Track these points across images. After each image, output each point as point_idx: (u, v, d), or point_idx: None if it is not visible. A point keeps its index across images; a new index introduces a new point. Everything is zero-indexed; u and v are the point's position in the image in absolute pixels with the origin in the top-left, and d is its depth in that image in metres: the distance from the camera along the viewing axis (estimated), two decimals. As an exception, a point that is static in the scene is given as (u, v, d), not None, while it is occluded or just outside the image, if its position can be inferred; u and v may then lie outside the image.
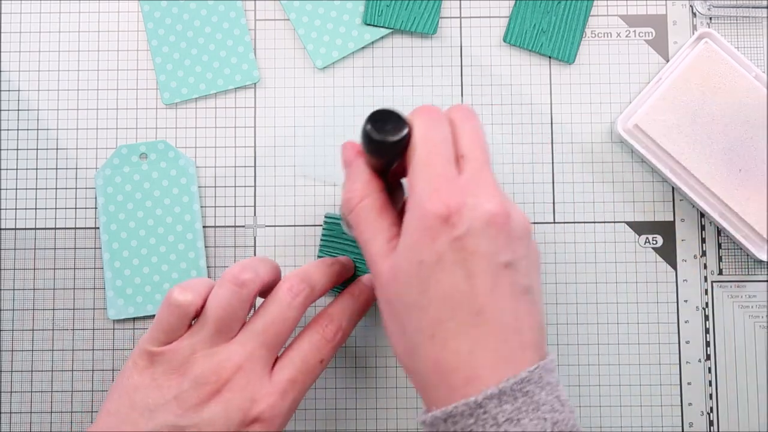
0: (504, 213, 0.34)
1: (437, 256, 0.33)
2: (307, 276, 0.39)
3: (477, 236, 0.33)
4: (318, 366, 0.39)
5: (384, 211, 0.36)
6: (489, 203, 0.33)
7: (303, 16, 0.48)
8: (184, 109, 0.48)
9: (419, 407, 0.46)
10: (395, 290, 0.35)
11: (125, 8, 0.49)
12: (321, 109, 0.48)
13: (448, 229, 0.33)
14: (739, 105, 0.46)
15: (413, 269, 0.34)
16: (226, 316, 0.37)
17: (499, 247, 0.33)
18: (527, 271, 0.35)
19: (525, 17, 0.48)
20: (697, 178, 0.46)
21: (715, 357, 0.47)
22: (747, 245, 0.46)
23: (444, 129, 0.36)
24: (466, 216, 0.33)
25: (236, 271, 0.37)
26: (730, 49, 0.47)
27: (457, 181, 0.34)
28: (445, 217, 0.33)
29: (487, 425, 0.32)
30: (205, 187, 0.48)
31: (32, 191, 0.48)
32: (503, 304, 0.33)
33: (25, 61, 0.48)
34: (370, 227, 0.36)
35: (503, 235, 0.34)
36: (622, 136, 0.46)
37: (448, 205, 0.33)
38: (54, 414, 0.46)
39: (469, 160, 0.35)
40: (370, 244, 0.36)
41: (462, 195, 0.33)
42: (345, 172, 0.38)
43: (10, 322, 0.47)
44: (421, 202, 0.34)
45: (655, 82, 0.47)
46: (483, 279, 0.33)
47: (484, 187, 0.34)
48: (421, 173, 0.34)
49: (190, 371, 0.36)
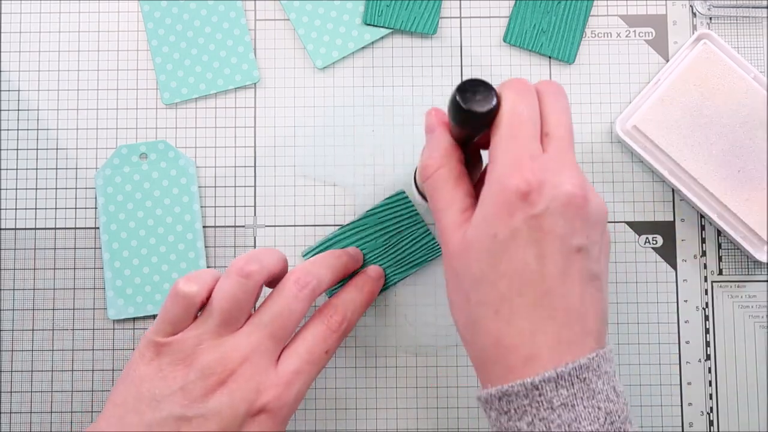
0: (583, 196, 0.33)
1: (512, 232, 0.33)
2: (313, 268, 0.39)
3: (554, 216, 0.33)
4: (323, 357, 0.39)
5: (460, 182, 0.36)
6: (569, 184, 0.33)
7: (303, 16, 0.48)
8: (184, 109, 0.48)
9: (419, 407, 0.46)
10: (465, 261, 0.34)
11: (125, 8, 0.49)
12: (321, 109, 0.48)
13: (527, 206, 0.33)
14: (738, 106, 0.46)
15: (486, 242, 0.34)
16: (232, 308, 0.37)
17: (574, 230, 0.33)
18: (598, 257, 0.35)
19: (525, 17, 0.48)
20: (696, 179, 0.46)
21: (715, 357, 0.47)
22: (746, 246, 0.46)
23: (533, 104, 0.35)
24: (545, 195, 0.33)
25: (242, 263, 0.38)
26: (728, 50, 0.47)
27: (540, 158, 0.34)
28: (524, 193, 0.33)
29: (542, 408, 0.32)
30: (205, 187, 0.48)
31: (32, 191, 0.48)
32: (571, 288, 0.33)
33: (25, 61, 0.48)
34: (445, 196, 0.36)
35: (580, 218, 0.33)
36: (620, 137, 0.46)
37: (529, 182, 0.33)
38: (54, 414, 0.46)
39: (554, 138, 0.35)
40: (444, 213, 0.36)
41: (544, 173, 0.33)
42: (426, 138, 0.38)
43: (10, 322, 0.47)
44: (502, 176, 0.33)
45: (654, 83, 0.47)
46: (554, 260, 0.33)
47: (566, 167, 0.34)
48: (505, 147, 0.34)
49: (197, 362, 0.37)
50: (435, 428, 0.46)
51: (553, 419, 0.32)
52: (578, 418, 0.32)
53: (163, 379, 0.37)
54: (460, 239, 0.35)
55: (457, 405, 0.46)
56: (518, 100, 0.35)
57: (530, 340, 0.33)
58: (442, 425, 0.46)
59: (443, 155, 0.37)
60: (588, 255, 0.34)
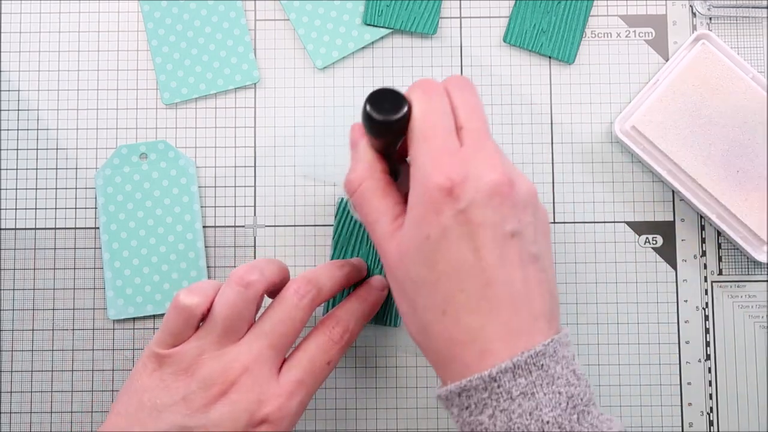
0: (507, 181, 0.33)
1: (443, 230, 0.33)
2: (314, 278, 0.39)
3: (481, 207, 0.33)
4: (325, 368, 0.39)
5: (387, 192, 0.36)
6: (491, 173, 0.33)
7: (303, 16, 0.48)
8: (184, 109, 0.48)
9: (419, 407, 0.46)
10: (404, 268, 0.35)
11: (125, 8, 0.49)
12: (321, 109, 0.48)
13: (452, 201, 0.33)
14: (737, 106, 0.46)
15: (420, 245, 0.34)
16: (233, 317, 0.37)
17: (504, 217, 0.33)
18: (535, 238, 0.35)
19: (525, 17, 0.48)
20: (695, 180, 0.46)
21: (715, 357, 0.47)
22: (745, 247, 0.46)
23: (442, 101, 0.35)
24: (469, 187, 0.33)
25: (242, 272, 0.38)
26: (727, 50, 0.47)
27: (458, 153, 0.34)
28: (448, 189, 0.33)
29: (501, 399, 0.32)
30: (205, 187, 0.48)
31: (32, 191, 0.48)
32: (512, 274, 0.33)
33: (25, 61, 0.48)
34: (374, 209, 0.36)
35: (508, 203, 0.33)
36: (619, 137, 0.46)
37: (451, 177, 0.33)
38: (54, 414, 0.46)
39: (469, 130, 0.35)
40: (376, 226, 0.36)
41: (464, 166, 0.33)
42: (350, 154, 0.38)
43: (10, 322, 0.47)
44: (423, 176, 0.34)
45: (653, 83, 0.47)
46: (490, 250, 0.33)
47: (485, 157, 0.34)
48: (421, 148, 0.34)
49: (198, 372, 0.37)
50: (435, 428, 0.46)
51: (514, 409, 0.32)
52: (539, 405, 0.32)
53: (165, 389, 0.37)
54: (396, 247, 0.35)
55: (457, 405, 0.46)
56: (427, 100, 0.35)
57: (481, 335, 0.33)
58: (442, 425, 0.46)
59: (366, 168, 0.37)
60: (523, 238, 0.34)
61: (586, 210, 0.47)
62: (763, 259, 0.46)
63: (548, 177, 0.48)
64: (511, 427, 0.32)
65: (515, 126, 0.48)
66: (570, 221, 0.47)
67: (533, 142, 0.48)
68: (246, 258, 0.47)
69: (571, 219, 0.47)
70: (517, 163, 0.48)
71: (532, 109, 0.48)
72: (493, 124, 0.48)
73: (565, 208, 0.47)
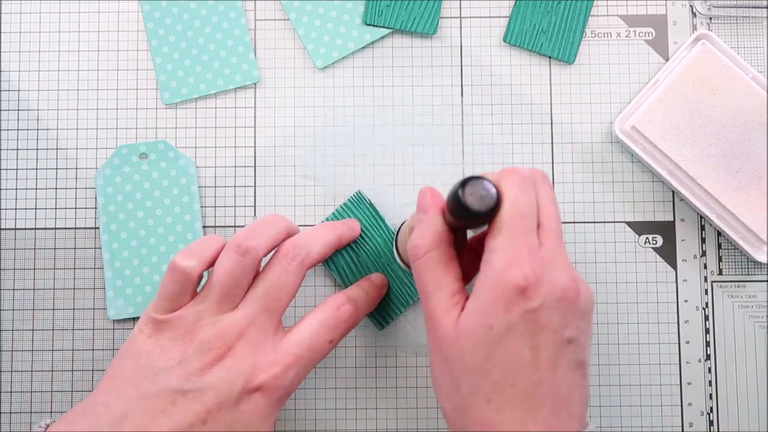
0: (576, 289, 0.35)
1: (508, 325, 0.34)
2: (302, 240, 0.40)
3: (549, 310, 0.34)
4: (326, 345, 0.39)
5: (450, 266, 0.37)
6: (564, 278, 0.34)
7: (303, 16, 0.48)
8: (184, 109, 0.48)
9: (419, 407, 0.46)
10: (457, 350, 0.35)
11: (125, 8, 0.49)
12: (321, 109, 0.48)
13: (524, 301, 0.34)
14: (737, 107, 0.46)
15: (481, 333, 0.34)
16: (230, 285, 0.38)
17: (566, 323, 0.34)
18: (585, 346, 0.36)
19: (525, 17, 0.48)
20: (695, 180, 0.46)
21: (715, 357, 0.47)
22: (745, 247, 0.46)
23: (532, 197, 0.36)
24: (542, 290, 0.34)
25: (241, 239, 0.38)
26: (727, 50, 0.47)
27: (537, 253, 0.35)
28: (523, 288, 0.34)
29: None
30: (205, 187, 0.48)
31: (32, 191, 0.48)
32: (560, 377, 0.34)
33: (25, 61, 0.48)
34: (435, 280, 0.36)
35: (572, 311, 0.35)
36: (619, 137, 0.46)
37: (528, 277, 0.34)
38: (54, 414, 0.46)
39: (548, 230, 0.36)
40: (432, 297, 0.36)
41: (541, 268, 0.34)
42: (417, 217, 0.38)
43: (10, 322, 0.47)
44: (501, 270, 0.34)
45: (652, 83, 0.47)
46: (547, 352, 0.34)
47: (560, 260, 0.35)
48: (505, 241, 0.35)
49: (195, 337, 0.37)
50: (435, 428, 0.46)
51: None
52: None
53: (162, 353, 0.37)
54: (451, 326, 0.35)
55: (457, 405, 0.46)
56: (520, 195, 0.35)
57: (520, 428, 0.34)
58: (442, 425, 0.46)
59: (435, 239, 0.37)
60: (577, 345, 0.35)
61: (586, 210, 0.47)
62: (763, 259, 0.46)
63: (548, 177, 0.48)
64: None
65: (515, 126, 0.48)
66: (570, 221, 0.47)
67: (533, 142, 0.48)
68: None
69: (571, 219, 0.47)
70: (517, 163, 0.48)
71: (532, 109, 0.48)
72: (493, 124, 0.48)
73: (565, 208, 0.47)
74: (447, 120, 0.48)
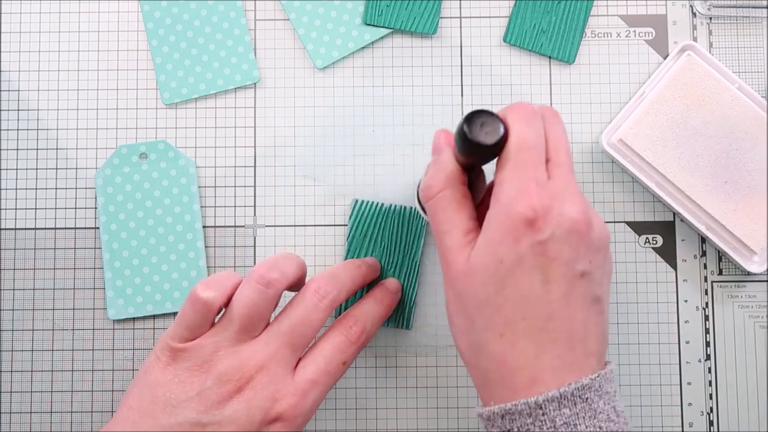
0: (587, 221, 0.34)
1: (518, 258, 0.34)
2: (334, 278, 0.40)
3: (559, 242, 0.34)
4: (340, 368, 0.39)
5: (463, 204, 0.37)
6: (574, 211, 0.34)
7: (303, 16, 0.48)
8: (184, 109, 0.48)
9: (419, 407, 0.46)
10: (470, 285, 0.35)
11: (125, 8, 0.49)
12: (321, 109, 0.48)
13: (533, 232, 0.34)
14: (723, 117, 0.46)
15: (492, 267, 0.34)
16: (252, 315, 0.37)
17: (578, 256, 0.34)
18: (600, 281, 0.36)
19: (525, 17, 0.48)
20: (683, 191, 0.45)
21: (715, 357, 0.47)
22: (735, 257, 0.46)
23: (539, 131, 0.36)
24: (551, 221, 0.34)
25: (263, 271, 0.38)
26: (712, 61, 0.47)
27: (545, 185, 0.34)
28: (530, 220, 0.33)
29: (545, 426, 0.33)
30: (205, 187, 0.48)
31: (32, 191, 0.48)
32: (574, 312, 0.34)
33: (25, 61, 0.48)
34: (448, 218, 0.37)
35: (583, 243, 0.34)
36: (606, 150, 0.46)
37: (536, 209, 0.33)
38: (54, 414, 0.46)
39: (557, 164, 0.35)
40: (446, 236, 0.36)
41: (549, 200, 0.34)
42: (432, 158, 0.38)
43: (10, 322, 0.47)
44: (508, 202, 0.34)
45: (639, 96, 0.47)
46: (558, 285, 0.34)
47: (570, 193, 0.35)
48: (511, 174, 0.34)
49: (214, 368, 0.37)
50: (435, 428, 0.46)
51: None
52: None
53: (180, 384, 0.37)
54: (464, 262, 0.35)
55: (457, 405, 0.46)
56: (526, 128, 0.35)
57: (534, 363, 0.34)
58: (442, 425, 0.46)
59: (447, 177, 0.37)
60: (591, 279, 0.35)
61: (586, 210, 0.47)
62: (753, 269, 0.45)
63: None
64: None
65: (515, 126, 0.48)
66: (570, 221, 0.47)
67: (533, 142, 0.48)
68: (246, 258, 0.47)
69: (571, 219, 0.47)
70: (517, 163, 0.48)
71: (532, 109, 0.48)
72: (493, 124, 0.48)
73: (565, 208, 0.47)
74: (447, 120, 0.48)
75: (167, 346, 0.37)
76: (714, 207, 0.45)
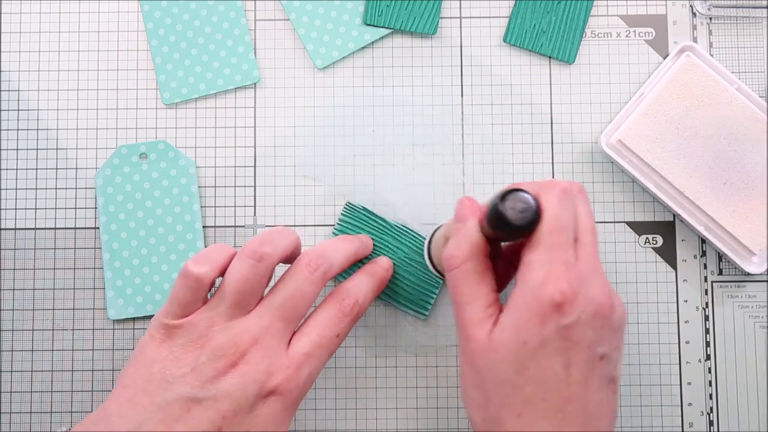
0: (610, 304, 0.35)
1: (542, 341, 0.34)
2: (325, 251, 0.40)
3: (584, 326, 0.34)
4: (334, 340, 0.39)
5: (485, 277, 0.37)
6: (599, 294, 0.34)
7: (303, 16, 0.48)
8: (184, 109, 0.48)
9: (419, 407, 0.46)
10: (491, 363, 0.35)
11: (125, 8, 0.49)
12: (321, 109, 0.48)
13: (559, 316, 0.34)
14: (722, 118, 0.46)
15: (515, 348, 0.34)
16: (244, 290, 0.37)
17: (600, 339, 0.35)
18: (616, 362, 0.36)
19: (525, 17, 0.48)
20: (682, 192, 0.45)
21: (715, 357, 0.47)
22: (734, 258, 0.46)
23: (571, 211, 0.36)
24: (578, 306, 0.34)
25: (255, 245, 0.38)
26: (711, 61, 0.47)
27: (574, 268, 0.34)
28: (559, 304, 0.34)
29: None
30: (205, 187, 0.48)
31: (32, 191, 0.48)
32: (591, 394, 0.35)
33: (25, 61, 0.48)
34: (469, 291, 0.36)
35: (606, 326, 0.35)
36: (605, 151, 0.46)
37: (564, 293, 0.34)
38: (54, 414, 0.46)
39: (584, 245, 0.35)
40: (467, 308, 0.36)
41: (577, 284, 0.34)
42: (455, 226, 0.38)
43: (10, 322, 0.47)
44: (537, 286, 0.34)
45: (638, 96, 0.47)
46: (579, 369, 0.34)
47: (595, 276, 0.35)
48: (544, 256, 0.34)
49: (208, 344, 0.37)
50: (435, 428, 0.46)
51: None
52: None
53: (175, 360, 0.37)
54: (484, 338, 0.35)
55: (457, 405, 0.46)
56: (559, 210, 0.35)
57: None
58: (442, 425, 0.46)
59: (471, 250, 0.37)
60: (609, 360, 0.35)
61: (586, 210, 0.47)
62: (753, 270, 0.45)
63: (548, 177, 0.48)
64: None
65: (515, 126, 0.48)
66: (570, 221, 0.47)
67: (533, 142, 0.48)
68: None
69: (571, 219, 0.47)
70: (517, 163, 0.48)
71: (532, 109, 0.48)
72: (494, 124, 0.48)
73: (565, 208, 0.47)
74: (447, 120, 0.48)
75: (161, 324, 0.38)
76: (713, 208, 0.45)
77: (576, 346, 0.34)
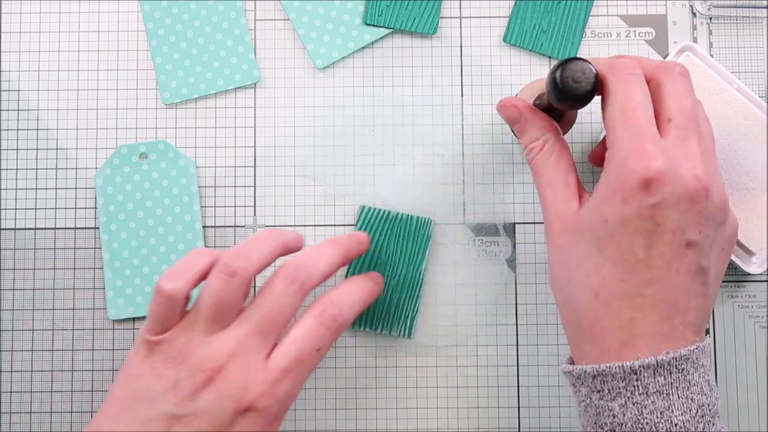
0: (704, 189, 0.33)
1: (623, 219, 0.33)
2: (303, 261, 0.38)
3: (668, 209, 0.33)
4: (314, 354, 0.38)
5: (561, 156, 0.37)
6: (691, 177, 0.33)
7: (303, 16, 0.48)
8: (184, 109, 0.48)
9: (419, 407, 0.46)
10: (573, 240, 0.35)
11: (125, 8, 0.49)
12: (321, 109, 0.48)
13: (643, 195, 0.33)
14: (722, 117, 0.46)
15: (596, 226, 0.34)
16: (219, 305, 0.37)
17: (687, 225, 0.33)
18: (710, 252, 0.35)
19: (525, 17, 0.48)
20: None
21: (715, 357, 0.47)
22: (734, 258, 0.45)
23: (644, 88, 0.35)
24: (665, 186, 0.33)
25: (228, 259, 0.37)
26: (711, 61, 0.47)
27: (662, 144, 0.34)
28: (645, 180, 0.33)
29: (637, 392, 0.33)
30: (205, 187, 0.48)
31: (32, 191, 0.48)
32: (676, 281, 0.33)
33: (25, 61, 0.48)
34: (549, 172, 0.37)
35: (695, 212, 0.33)
36: None
37: (651, 168, 0.33)
38: (54, 414, 0.46)
39: (676, 125, 0.34)
40: (549, 189, 0.37)
41: (666, 161, 0.33)
42: (515, 127, 0.39)
43: (10, 322, 0.47)
44: (624, 160, 0.33)
45: None
46: (662, 252, 0.33)
47: (689, 156, 0.34)
48: (623, 133, 0.34)
49: (187, 359, 0.36)
50: (435, 428, 0.46)
51: (647, 404, 0.33)
52: (671, 406, 0.33)
53: (157, 377, 0.37)
54: (569, 215, 0.36)
55: (457, 405, 0.46)
56: (627, 87, 0.35)
57: (628, 327, 0.33)
58: (442, 425, 0.46)
59: (541, 134, 0.38)
60: (699, 250, 0.34)
61: (586, 210, 0.47)
62: (753, 271, 0.45)
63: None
64: (640, 420, 0.33)
65: (515, 126, 0.48)
66: (570, 221, 0.47)
67: (533, 142, 0.48)
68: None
69: (571, 219, 0.47)
70: (518, 163, 0.48)
71: (532, 109, 0.48)
72: (494, 124, 0.48)
73: (565, 208, 0.47)
74: (447, 120, 0.48)
75: (143, 340, 0.37)
76: None
77: (659, 228, 0.33)
